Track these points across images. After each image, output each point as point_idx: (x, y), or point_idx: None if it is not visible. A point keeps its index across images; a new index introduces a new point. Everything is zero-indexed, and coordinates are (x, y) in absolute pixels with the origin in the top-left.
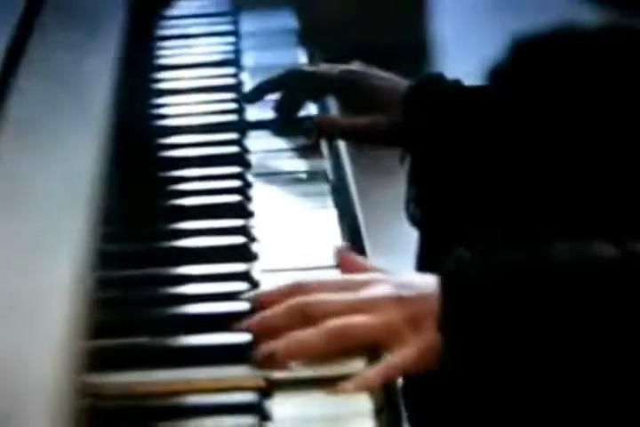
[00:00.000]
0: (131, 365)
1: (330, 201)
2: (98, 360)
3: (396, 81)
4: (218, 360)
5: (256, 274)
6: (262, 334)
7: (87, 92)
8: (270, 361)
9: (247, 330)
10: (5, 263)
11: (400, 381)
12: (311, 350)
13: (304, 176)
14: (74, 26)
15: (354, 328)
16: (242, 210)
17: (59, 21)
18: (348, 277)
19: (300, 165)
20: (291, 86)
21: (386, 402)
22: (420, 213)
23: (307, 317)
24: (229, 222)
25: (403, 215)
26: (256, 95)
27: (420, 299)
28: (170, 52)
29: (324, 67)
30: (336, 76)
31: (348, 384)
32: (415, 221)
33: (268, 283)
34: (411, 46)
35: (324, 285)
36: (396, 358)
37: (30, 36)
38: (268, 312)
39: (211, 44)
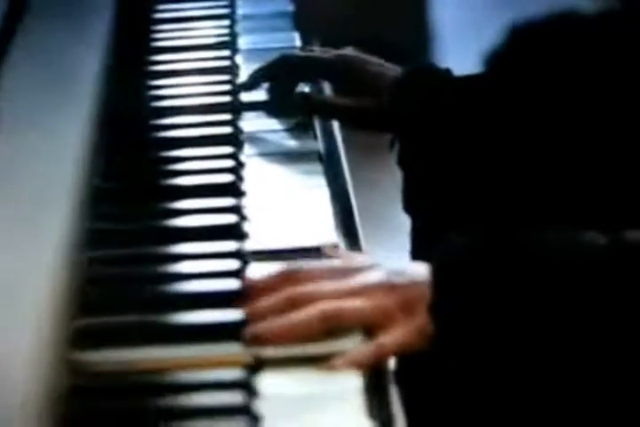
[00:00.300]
0: (120, 342)
1: (322, 181)
2: (88, 338)
3: (388, 67)
4: (208, 338)
5: (246, 253)
6: (254, 317)
7: (75, 76)
8: (260, 341)
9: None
10: None
11: (391, 362)
12: (302, 331)
13: (297, 156)
14: (64, 11)
15: (346, 310)
16: (234, 189)
17: (48, 6)
18: (339, 263)
19: (292, 146)
20: (284, 71)
21: (375, 382)
22: (410, 198)
23: (299, 306)
24: (221, 202)
25: (394, 196)
26: (251, 84)
27: (411, 285)
28: (166, 35)
29: (316, 51)
30: (329, 61)
31: (339, 361)
32: (406, 206)
33: (258, 262)
34: (410, 41)
35: (316, 272)
36: (387, 338)
37: (19, 22)
38: (259, 303)
39: (207, 27)
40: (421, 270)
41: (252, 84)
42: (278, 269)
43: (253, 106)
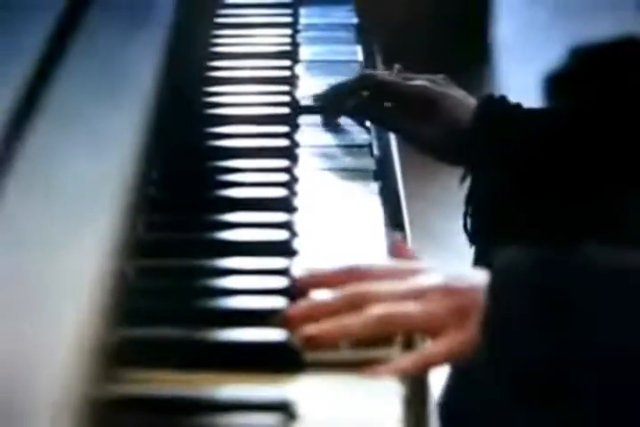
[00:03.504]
0: (160, 356)
1: (376, 200)
2: (128, 350)
3: (465, 100)
4: (250, 356)
5: (295, 270)
6: (309, 316)
7: (130, 77)
8: (311, 342)
9: (295, 312)
10: (32, 249)
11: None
12: (353, 335)
13: (352, 173)
14: (125, 11)
15: (398, 317)
16: (287, 204)
17: (109, 7)
18: (399, 264)
19: (348, 162)
20: (362, 91)
21: (415, 391)
22: (476, 229)
23: (357, 305)
24: (273, 216)
25: (449, 213)
26: (336, 112)
27: (468, 291)
28: (226, 41)
29: (400, 74)
30: (408, 90)
31: (382, 368)
32: (471, 236)
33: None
34: (470, 56)
35: (376, 271)
36: (434, 348)
37: (78, 21)
38: (318, 298)
39: (268, 35)
40: (480, 276)
41: (336, 113)
42: (341, 266)
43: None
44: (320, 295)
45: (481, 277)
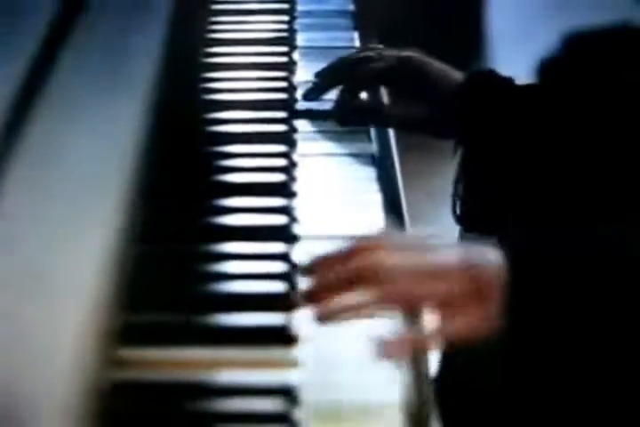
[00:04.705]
0: (161, 340)
1: (374, 184)
2: (130, 334)
3: (451, 71)
4: (249, 340)
5: (295, 255)
6: (322, 289)
7: (132, 65)
8: (324, 316)
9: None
10: (34, 236)
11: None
12: (369, 313)
13: (350, 158)
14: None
15: (417, 296)
16: (285, 189)
17: None
18: (414, 237)
19: (346, 148)
20: (344, 77)
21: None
22: (464, 209)
23: (374, 279)
24: (272, 201)
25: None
26: (316, 94)
27: (485, 267)
28: (224, 27)
29: (377, 50)
30: (388, 65)
31: (396, 343)
32: (457, 216)
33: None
34: (463, 45)
35: (389, 244)
36: (453, 325)
37: (79, 9)
38: (328, 274)
39: (265, 22)
40: (493, 251)
41: (316, 96)
42: (350, 243)
43: (309, 114)
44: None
45: (493, 250)
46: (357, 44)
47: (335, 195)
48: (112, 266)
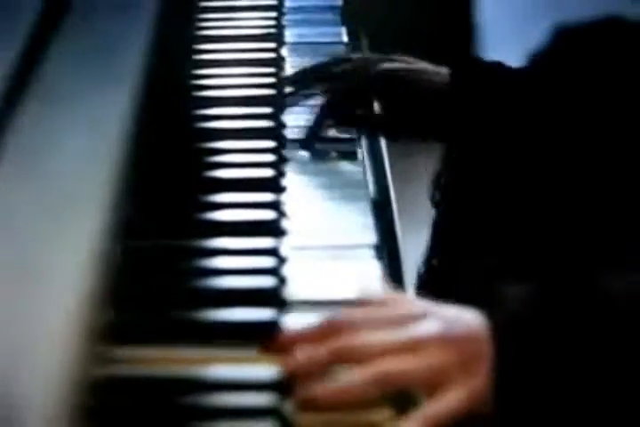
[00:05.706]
0: (150, 336)
1: (363, 180)
2: (119, 331)
3: (435, 73)
4: (239, 336)
5: (284, 250)
6: (301, 375)
7: (120, 62)
8: (309, 404)
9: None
10: (23, 230)
11: None
12: (354, 396)
13: (338, 154)
14: None
15: (400, 374)
16: (274, 185)
17: None
18: (390, 311)
19: (334, 143)
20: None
21: None
22: (442, 196)
23: (349, 360)
24: (260, 197)
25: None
26: (299, 80)
27: (469, 339)
28: (211, 24)
29: (363, 58)
30: (373, 78)
31: None
32: (435, 202)
33: (295, 260)
34: (454, 39)
35: (363, 322)
36: (443, 404)
37: (68, 3)
38: (301, 357)
39: (253, 18)
40: (476, 319)
41: (299, 81)
42: (320, 321)
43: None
44: (307, 352)
45: (478, 319)
46: (345, 39)
47: (324, 190)
48: (100, 262)
